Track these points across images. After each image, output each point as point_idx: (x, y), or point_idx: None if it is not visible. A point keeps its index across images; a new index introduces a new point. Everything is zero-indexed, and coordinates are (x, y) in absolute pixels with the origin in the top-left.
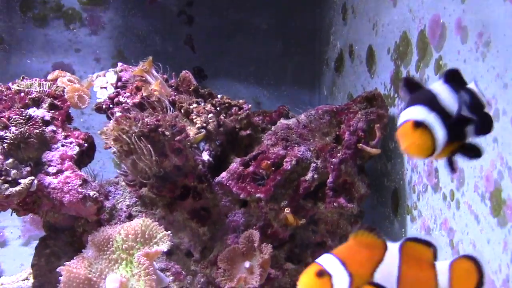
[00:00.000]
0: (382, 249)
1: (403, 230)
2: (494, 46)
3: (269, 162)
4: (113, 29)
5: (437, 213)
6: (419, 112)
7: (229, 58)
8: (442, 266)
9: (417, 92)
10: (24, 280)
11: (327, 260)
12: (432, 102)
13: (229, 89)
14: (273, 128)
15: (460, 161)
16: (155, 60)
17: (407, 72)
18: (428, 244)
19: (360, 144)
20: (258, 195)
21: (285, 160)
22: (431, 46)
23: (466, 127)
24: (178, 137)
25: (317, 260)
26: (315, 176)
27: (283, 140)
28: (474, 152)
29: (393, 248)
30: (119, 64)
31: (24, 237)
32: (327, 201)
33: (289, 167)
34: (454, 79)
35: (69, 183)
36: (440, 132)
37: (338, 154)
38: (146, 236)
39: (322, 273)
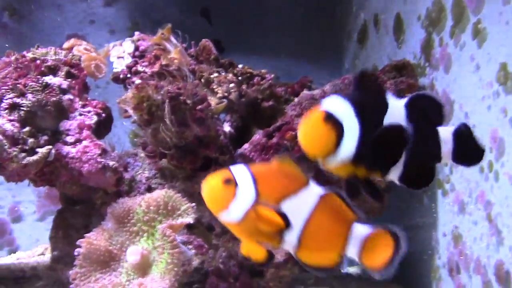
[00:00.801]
0: (301, 184)
1: (433, 205)
2: None
3: (293, 133)
4: (128, 0)
5: (472, 186)
6: (343, 109)
7: (246, 30)
8: (359, 232)
9: (367, 90)
10: (40, 255)
11: (240, 171)
12: (370, 111)
13: (247, 62)
14: (296, 99)
15: (500, 129)
16: (173, 32)
17: (440, 39)
18: (352, 209)
19: None
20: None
21: None
22: (468, 9)
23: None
24: (200, 106)
25: (231, 167)
26: None
27: (308, 111)
28: (371, 194)
29: (314, 189)
30: (136, 33)
31: (39, 212)
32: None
33: None
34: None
35: (88, 152)
36: (349, 144)
37: None
38: (169, 207)
39: (229, 181)
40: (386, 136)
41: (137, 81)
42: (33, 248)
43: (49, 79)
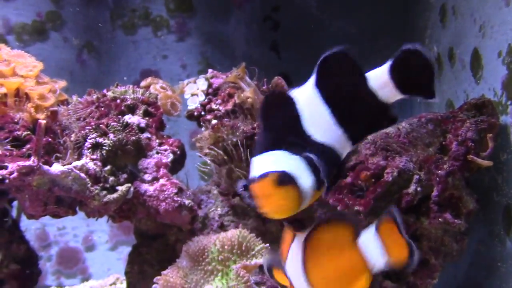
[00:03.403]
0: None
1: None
2: None
3: (368, 173)
4: (199, 35)
5: None
6: (279, 159)
7: (314, 63)
8: (367, 236)
9: (272, 118)
10: (111, 285)
11: None
12: (294, 135)
13: None
14: (370, 137)
15: None
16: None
17: None
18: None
19: (470, 156)
20: (356, 207)
21: (386, 171)
22: None
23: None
24: None
25: None
26: (419, 189)
27: (383, 150)
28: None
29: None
30: (210, 70)
31: (111, 242)
32: (432, 216)
33: (391, 178)
34: (328, 75)
35: (165, 191)
36: (308, 182)
37: (445, 166)
38: (243, 248)
39: None
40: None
41: (213, 121)
42: (105, 278)
43: (128, 118)
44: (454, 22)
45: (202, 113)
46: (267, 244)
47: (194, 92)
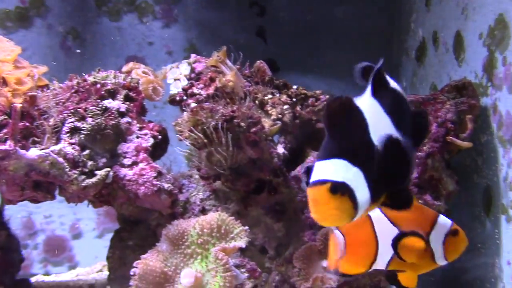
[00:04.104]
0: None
1: (496, 231)
2: None
3: None
4: (185, 21)
5: None
6: (337, 168)
7: (302, 49)
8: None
9: (337, 126)
10: (98, 271)
11: None
12: (356, 148)
13: (302, 82)
14: None
15: None
16: (234, 53)
17: (503, 58)
18: None
19: (450, 137)
20: None
21: None
22: None
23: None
24: (254, 129)
25: None
26: None
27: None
28: (404, 203)
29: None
30: (193, 55)
31: (98, 229)
32: None
33: None
34: (381, 86)
35: (144, 175)
36: (363, 194)
37: (424, 148)
38: (222, 231)
39: None
40: (387, 159)
41: (193, 104)
42: (92, 265)
43: (108, 102)
44: (439, 6)
45: (184, 97)
46: (246, 227)
47: (177, 77)
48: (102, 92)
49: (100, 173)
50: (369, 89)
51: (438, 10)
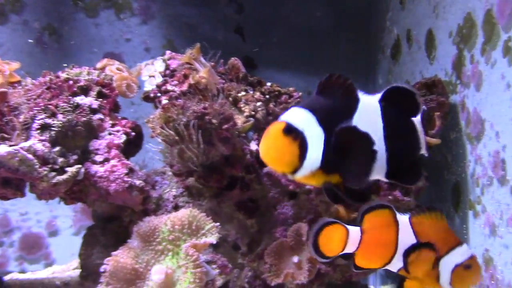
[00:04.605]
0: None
1: (464, 226)
2: None
3: None
4: (163, 18)
5: (503, 208)
6: (304, 118)
7: (279, 47)
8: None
9: (332, 92)
10: (74, 269)
11: None
12: (331, 115)
13: (279, 79)
14: None
15: None
16: (205, 49)
17: (471, 56)
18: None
19: None
20: (308, 186)
21: None
22: (499, 26)
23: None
24: (226, 126)
25: None
26: None
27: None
28: (352, 198)
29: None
30: (168, 52)
31: (75, 227)
32: (382, 194)
33: None
34: (396, 99)
35: (115, 171)
36: (315, 155)
37: None
38: (193, 227)
39: None
40: (344, 139)
41: (164, 101)
42: (68, 263)
43: (80, 99)
44: (412, 4)
45: (158, 94)
46: (218, 223)
47: (152, 74)
48: (75, 89)
49: (70, 170)
50: (379, 94)
51: (412, 8)
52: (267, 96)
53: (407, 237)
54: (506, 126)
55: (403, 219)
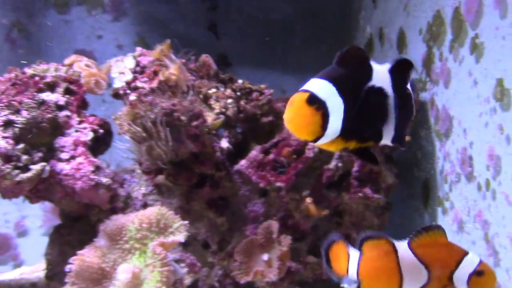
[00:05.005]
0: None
1: (433, 223)
2: None
3: (290, 149)
4: (136, 15)
5: (470, 204)
6: (325, 88)
7: (254, 45)
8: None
9: (348, 65)
10: (43, 270)
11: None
12: (351, 85)
13: (254, 77)
14: None
15: (497, 146)
16: (178, 47)
17: (440, 53)
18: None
19: None
20: (278, 184)
21: (307, 147)
22: (466, 24)
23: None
24: (195, 122)
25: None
26: (339, 164)
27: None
28: (369, 161)
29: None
30: (138, 48)
31: (45, 227)
32: (352, 191)
33: (312, 154)
34: (402, 71)
35: (81, 169)
36: (336, 123)
37: None
38: (161, 225)
39: None
40: (368, 103)
41: (132, 97)
42: (37, 264)
43: (46, 95)
44: (384, 2)
45: (128, 91)
46: (186, 222)
47: (121, 70)
48: (41, 85)
49: (35, 167)
50: (389, 64)
51: (384, 6)
52: (238, 93)
53: (410, 264)
54: (473, 123)
55: (401, 245)
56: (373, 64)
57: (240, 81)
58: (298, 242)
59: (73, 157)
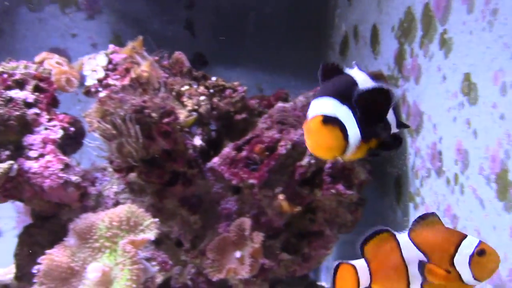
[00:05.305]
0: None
1: (406, 218)
2: (502, 13)
3: (263, 146)
4: (111, 13)
5: (440, 199)
6: (329, 105)
7: (230, 43)
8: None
9: (331, 79)
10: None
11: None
12: (345, 92)
13: (230, 75)
14: (269, 111)
15: (465, 141)
16: (154, 45)
17: (411, 50)
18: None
19: None
20: (251, 181)
21: (280, 144)
22: (435, 19)
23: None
24: (167, 119)
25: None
26: (312, 161)
27: (278, 123)
28: (394, 144)
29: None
30: (111, 46)
31: (19, 228)
32: (324, 188)
33: (284, 151)
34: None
35: (50, 167)
36: (353, 130)
37: None
38: (131, 223)
39: None
40: (374, 100)
41: (101, 94)
42: (11, 265)
43: (14, 93)
44: (359, 0)
45: (100, 89)
46: (157, 219)
47: (94, 68)
48: (9, 82)
49: (2, 166)
50: (355, 67)
51: (358, 4)
52: (212, 91)
53: (412, 254)
54: (441, 118)
55: (402, 237)
56: (347, 71)
57: (213, 78)
58: (271, 239)
59: (42, 155)
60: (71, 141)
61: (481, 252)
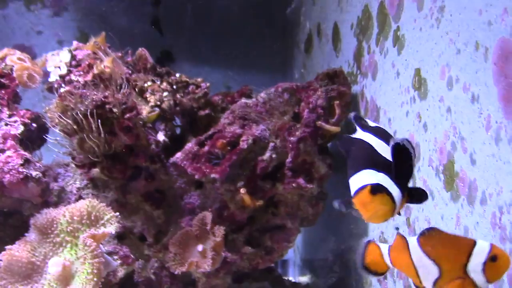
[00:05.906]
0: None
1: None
2: (448, 10)
3: (224, 141)
4: (77, 10)
5: None
6: (368, 175)
7: (198, 40)
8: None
9: (353, 150)
10: None
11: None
12: (375, 160)
13: (198, 72)
14: (231, 106)
15: (416, 134)
16: (119, 42)
17: (368, 47)
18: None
19: (319, 122)
20: (213, 175)
21: (241, 139)
22: (390, 17)
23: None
24: (128, 115)
25: None
26: (273, 155)
27: (240, 119)
28: (422, 196)
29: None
30: (74, 42)
31: None
32: (286, 182)
33: (246, 146)
34: (363, 122)
35: (10, 162)
36: (395, 191)
37: (297, 133)
38: (92, 217)
39: None
40: (403, 160)
41: (61, 89)
42: None
43: None
44: None
45: (62, 85)
46: (117, 213)
47: (57, 64)
48: None
49: None
50: (357, 127)
51: (321, 2)
52: (175, 87)
53: (420, 259)
54: (396, 113)
55: (412, 241)
56: (357, 134)
57: (177, 74)
58: (234, 233)
59: (2, 151)
60: (33, 137)
61: (493, 258)
